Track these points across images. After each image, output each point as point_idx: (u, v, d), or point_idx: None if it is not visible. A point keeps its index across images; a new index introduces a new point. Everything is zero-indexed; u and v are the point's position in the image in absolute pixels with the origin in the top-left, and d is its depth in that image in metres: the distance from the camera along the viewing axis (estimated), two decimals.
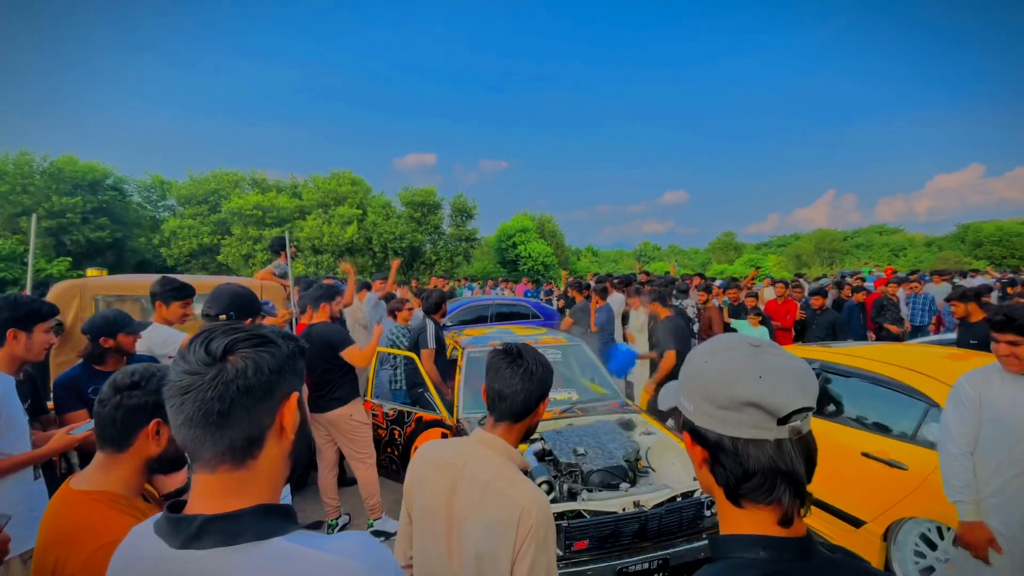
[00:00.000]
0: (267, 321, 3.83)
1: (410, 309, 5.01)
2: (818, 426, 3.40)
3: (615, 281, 8.21)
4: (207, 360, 0.71)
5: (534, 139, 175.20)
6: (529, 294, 13.02)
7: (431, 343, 4.39)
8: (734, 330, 7.17)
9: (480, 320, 8.38)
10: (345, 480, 4.31)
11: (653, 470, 3.07)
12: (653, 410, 3.98)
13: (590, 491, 2.77)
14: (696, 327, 7.11)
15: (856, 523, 3.04)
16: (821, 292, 6.23)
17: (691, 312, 7.33)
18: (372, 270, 22.90)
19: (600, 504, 2.60)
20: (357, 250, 23.92)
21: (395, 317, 4.80)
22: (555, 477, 2.85)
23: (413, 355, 4.24)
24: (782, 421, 0.65)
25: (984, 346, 4.03)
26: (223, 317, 2.16)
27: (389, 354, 4.68)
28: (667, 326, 4.61)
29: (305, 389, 1.97)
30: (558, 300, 8.70)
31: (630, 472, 2.92)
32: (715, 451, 0.70)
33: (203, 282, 3.91)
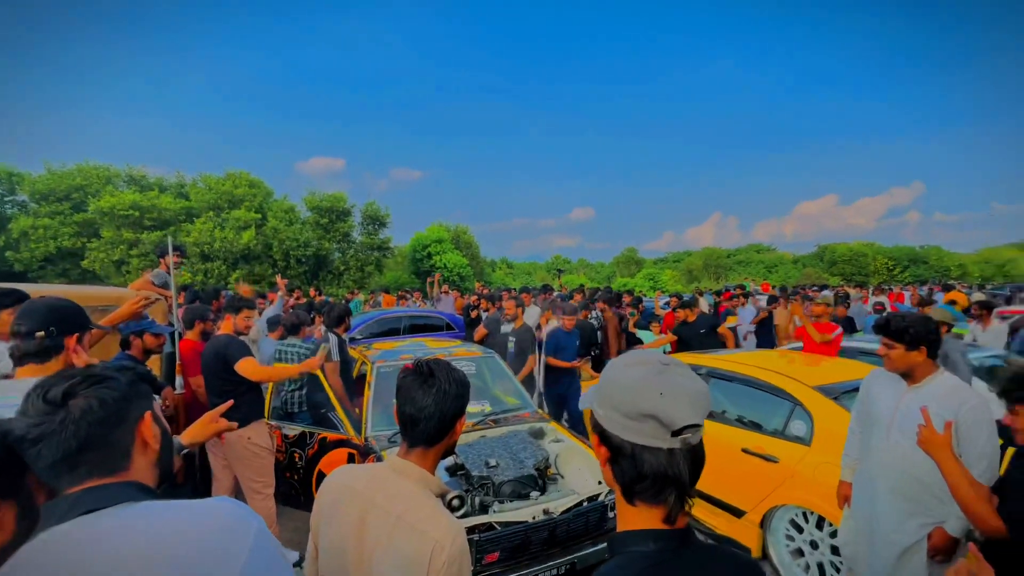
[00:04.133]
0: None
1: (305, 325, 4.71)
2: (708, 427, 3.74)
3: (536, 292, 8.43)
4: (49, 409, 0.79)
5: (448, 149, 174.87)
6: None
7: (335, 356, 4.19)
8: (639, 340, 7.75)
9: (392, 333, 8.13)
10: None
11: (562, 476, 3.17)
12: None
13: (501, 502, 2.79)
14: (600, 336, 7.56)
15: (738, 513, 3.37)
16: (692, 304, 6.86)
17: (596, 323, 7.78)
18: (272, 280, 21.32)
19: (511, 515, 2.63)
20: (254, 257, 22.14)
21: (296, 333, 4.50)
22: (467, 491, 2.83)
23: (317, 372, 4.01)
24: (675, 433, 0.74)
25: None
26: (40, 334, 1.82)
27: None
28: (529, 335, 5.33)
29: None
30: (472, 310, 8.69)
31: (540, 480, 2.99)
32: (616, 453, 0.79)
33: (65, 292, 3.39)
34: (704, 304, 10.10)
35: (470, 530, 2.52)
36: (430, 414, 1.22)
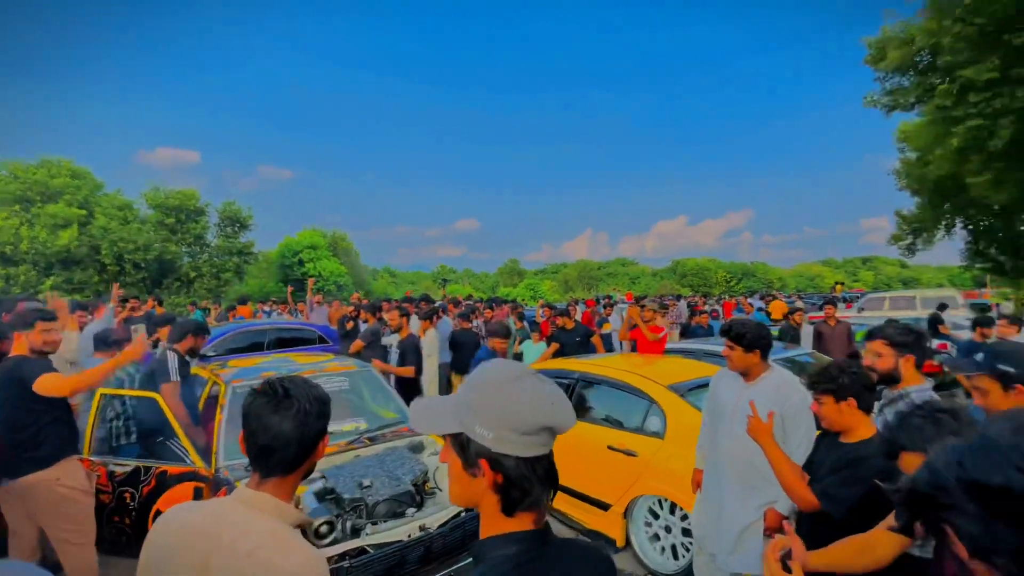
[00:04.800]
0: None
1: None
2: (579, 428, 3.98)
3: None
4: None
5: (323, 148, 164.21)
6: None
7: (173, 375, 3.67)
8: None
9: (255, 348, 7.35)
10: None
11: (440, 489, 3.12)
12: None
13: (375, 523, 2.66)
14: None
15: (604, 507, 3.63)
16: (567, 313, 7.33)
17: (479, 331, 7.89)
18: (100, 288, 18.06)
19: (385, 535, 2.53)
20: (76, 262, 18.58)
21: (117, 349, 3.84)
22: (338, 516, 2.66)
23: (153, 394, 3.46)
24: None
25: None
26: None
27: (114, 399, 3.72)
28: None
29: None
30: (347, 322, 8.21)
31: (418, 496, 2.91)
32: (510, 473, 0.77)
33: None
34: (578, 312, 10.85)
35: (340, 556, 2.38)
36: (288, 440, 1.10)
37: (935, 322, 7.93)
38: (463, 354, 6.55)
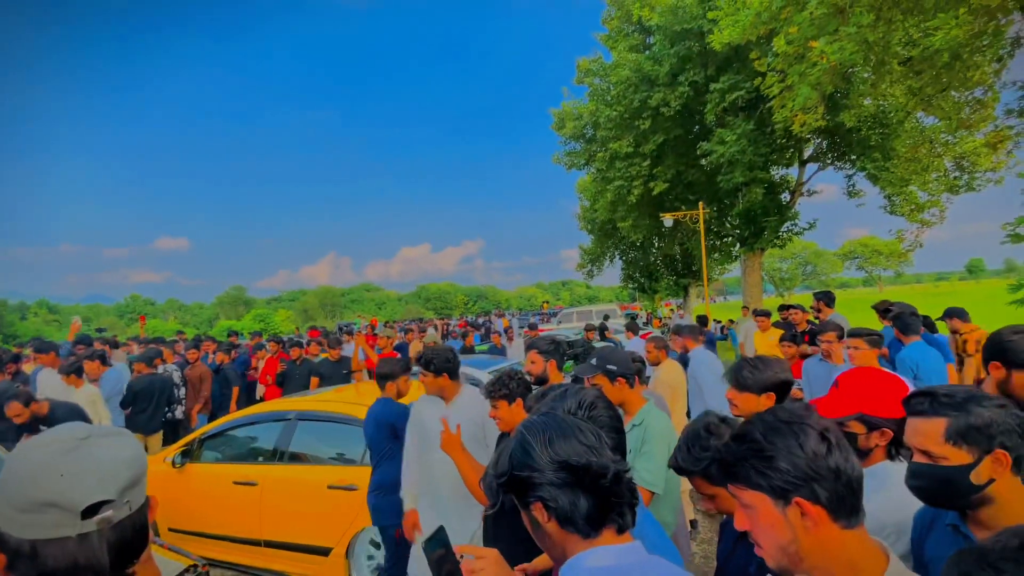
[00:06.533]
0: None
1: None
2: (291, 472, 3.68)
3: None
4: None
5: None
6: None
7: None
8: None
9: None
10: None
11: None
12: None
13: None
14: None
15: (325, 552, 3.43)
16: (300, 344, 6.90)
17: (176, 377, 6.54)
18: None
19: None
20: None
21: None
22: None
23: None
24: (87, 515, 0.66)
25: None
26: None
27: None
28: None
29: None
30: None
31: None
32: (14, 557, 0.66)
33: None
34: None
35: None
36: None
37: (603, 329, 10.49)
38: (145, 404, 5.34)
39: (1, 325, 22.83)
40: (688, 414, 4.37)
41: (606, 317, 13.32)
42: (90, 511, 0.66)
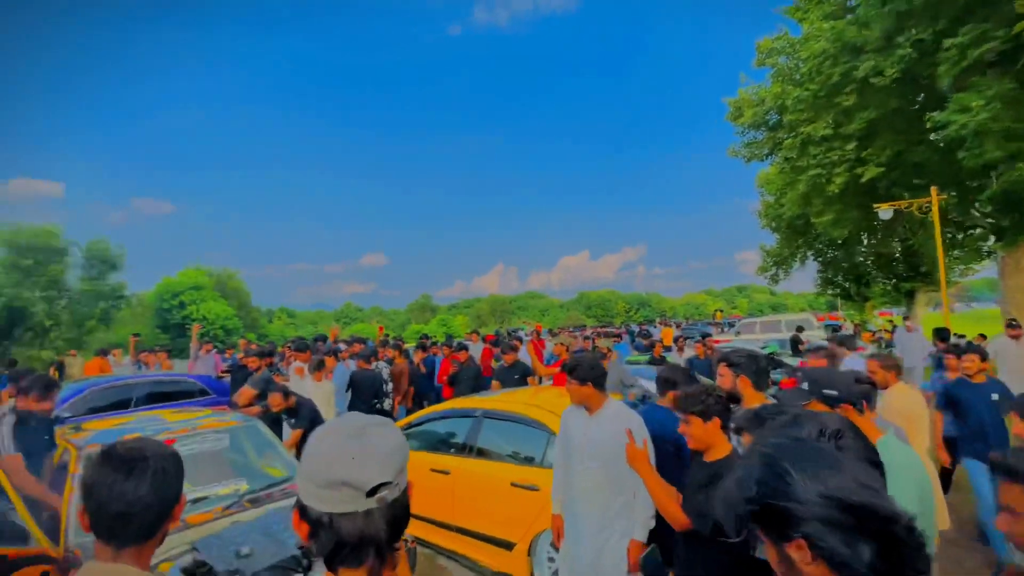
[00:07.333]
0: None
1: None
2: (478, 466, 3.96)
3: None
4: None
5: (209, 182, 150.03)
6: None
7: (9, 448, 3.14)
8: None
9: (121, 406, 6.44)
10: None
11: None
12: None
13: None
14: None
15: (509, 546, 3.60)
16: (464, 348, 7.41)
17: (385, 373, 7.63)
18: None
19: None
20: None
21: None
22: None
23: None
24: (370, 494, 0.76)
25: None
26: None
27: None
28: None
29: None
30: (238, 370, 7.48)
31: (304, 559, 2.69)
32: (315, 527, 0.78)
33: None
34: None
35: None
36: (148, 504, 1.07)
37: (796, 342, 9.10)
38: (362, 395, 6.29)
39: (256, 327, 29.77)
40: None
41: (799, 329, 11.45)
42: (373, 491, 0.76)
